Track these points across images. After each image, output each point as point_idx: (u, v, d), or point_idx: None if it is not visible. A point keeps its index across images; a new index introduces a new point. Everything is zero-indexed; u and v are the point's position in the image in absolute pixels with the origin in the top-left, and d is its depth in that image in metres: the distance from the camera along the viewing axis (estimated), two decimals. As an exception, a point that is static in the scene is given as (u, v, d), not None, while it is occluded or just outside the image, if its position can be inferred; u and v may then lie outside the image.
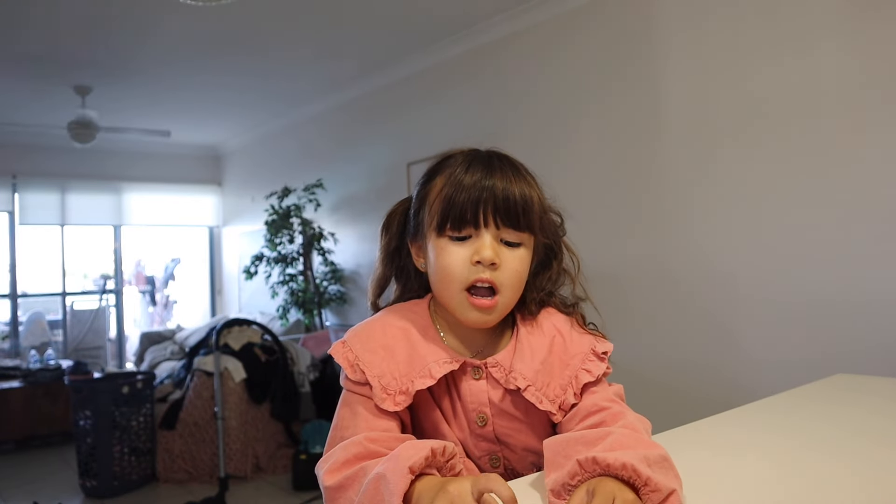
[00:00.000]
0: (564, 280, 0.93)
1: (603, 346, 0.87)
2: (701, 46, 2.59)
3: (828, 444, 0.97)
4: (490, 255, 0.80)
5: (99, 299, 6.07)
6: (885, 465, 0.86)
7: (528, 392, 0.83)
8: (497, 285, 0.81)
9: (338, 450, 0.76)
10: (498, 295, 0.82)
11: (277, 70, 4.24)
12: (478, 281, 0.81)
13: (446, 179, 0.84)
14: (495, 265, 0.81)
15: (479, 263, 0.81)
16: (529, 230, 0.84)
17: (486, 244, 0.81)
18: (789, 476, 0.83)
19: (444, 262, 0.83)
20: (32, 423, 4.42)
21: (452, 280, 0.82)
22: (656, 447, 0.71)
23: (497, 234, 0.82)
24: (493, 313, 0.83)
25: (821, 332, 2.24)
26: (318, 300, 4.88)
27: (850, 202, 2.17)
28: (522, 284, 0.86)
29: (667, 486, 0.65)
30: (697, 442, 1.00)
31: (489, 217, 0.81)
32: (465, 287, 0.82)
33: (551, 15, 3.18)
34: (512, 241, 0.83)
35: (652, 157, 2.77)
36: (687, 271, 2.66)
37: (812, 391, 1.34)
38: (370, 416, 0.81)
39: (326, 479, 0.73)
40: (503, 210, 0.81)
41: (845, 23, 2.18)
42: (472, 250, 0.81)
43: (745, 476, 0.83)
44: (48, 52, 3.70)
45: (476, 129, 3.60)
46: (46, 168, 5.75)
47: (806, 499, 0.75)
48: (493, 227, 0.81)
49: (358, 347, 0.85)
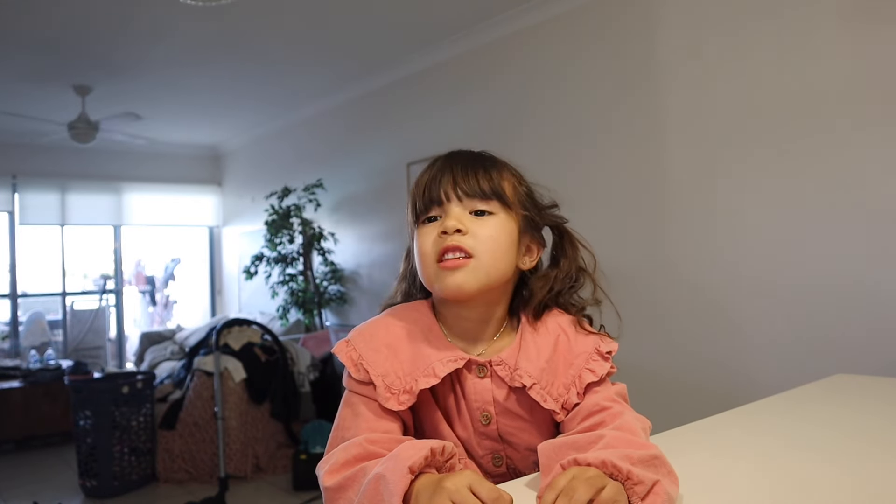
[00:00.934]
0: (583, 280, 0.92)
1: (607, 345, 0.87)
2: (702, 46, 2.59)
3: (827, 445, 0.97)
4: (452, 223, 0.82)
5: (99, 299, 6.07)
6: (885, 465, 0.86)
7: (534, 390, 0.83)
8: (468, 249, 0.82)
9: (338, 451, 0.76)
10: (471, 258, 0.82)
11: (277, 70, 4.25)
12: (446, 250, 0.82)
13: (416, 180, 0.88)
14: (461, 231, 0.82)
15: (445, 233, 0.82)
16: (497, 198, 0.84)
17: (450, 214, 0.83)
18: (789, 476, 0.83)
19: (418, 244, 0.85)
20: (32, 423, 4.42)
21: (426, 256, 0.84)
22: (647, 447, 0.72)
23: (464, 206, 0.83)
24: (465, 273, 0.81)
25: (822, 331, 2.24)
26: (318, 300, 4.89)
27: (852, 202, 2.17)
28: (504, 252, 0.84)
29: (649, 477, 0.65)
30: (697, 442, 1.00)
31: (449, 190, 0.83)
32: (437, 259, 0.82)
33: (552, 15, 3.18)
34: (482, 210, 0.84)
35: (656, 156, 2.77)
36: (691, 270, 2.66)
37: (812, 391, 1.34)
38: (372, 418, 0.81)
39: (326, 479, 0.74)
40: (462, 181, 0.83)
41: (845, 23, 2.18)
42: (440, 225, 0.83)
43: (744, 476, 0.83)
44: (48, 52, 3.70)
45: (476, 129, 3.60)
46: (46, 168, 5.75)
47: (806, 499, 0.75)
48: (455, 199, 0.83)
49: (362, 346, 0.85)
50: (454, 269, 0.81)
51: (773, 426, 1.10)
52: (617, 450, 0.69)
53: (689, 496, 0.74)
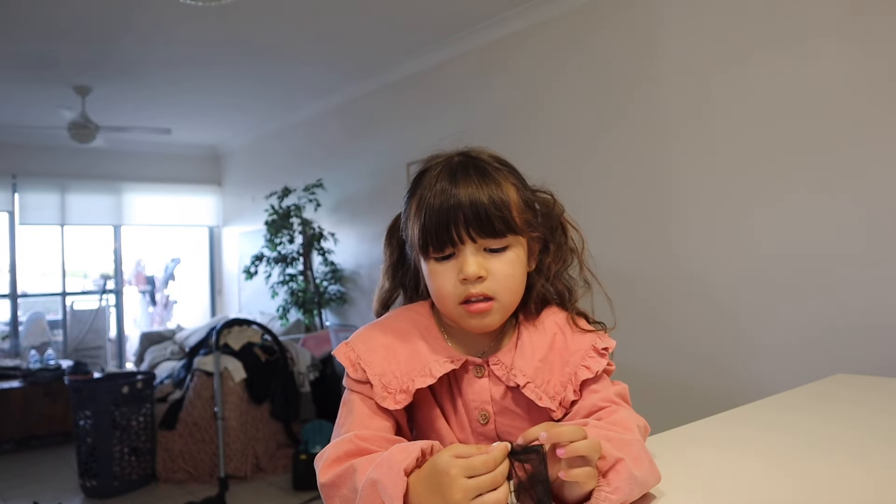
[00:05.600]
0: (571, 259, 0.92)
1: (604, 342, 0.87)
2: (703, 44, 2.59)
3: (827, 445, 0.97)
4: (473, 271, 0.81)
5: (99, 299, 6.07)
6: (885, 465, 0.86)
7: (528, 389, 0.83)
8: (490, 293, 0.82)
9: (330, 447, 0.78)
10: (493, 300, 0.83)
11: (277, 70, 4.24)
12: (469, 297, 0.82)
13: (418, 203, 0.85)
14: (482, 278, 0.81)
15: (466, 280, 0.81)
16: (511, 232, 0.83)
17: (468, 261, 0.81)
18: (788, 477, 0.83)
19: (435, 284, 0.84)
20: (32, 423, 4.42)
21: (446, 299, 0.84)
22: (626, 433, 0.74)
23: (478, 245, 0.82)
24: (491, 316, 0.83)
25: (822, 331, 2.24)
26: (318, 300, 4.89)
27: (852, 201, 2.18)
28: (518, 284, 0.86)
29: (613, 454, 0.68)
30: (697, 442, 1.00)
31: (462, 233, 0.81)
32: (460, 302, 0.83)
33: (552, 15, 3.18)
34: (496, 248, 0.83)
35: (657, 156, 2.77)
36: (692, 270, 2.66)
37: (812, 391, 1.34)
38: (366, 415, 0.82)
39: (321, 476, 0.76)
40: (475, 223, 0.81)
41: (846, 23, 2.18)
42: (458, 268, 0.82)
43: (744, 476, 0.83)
44: (48, 52, 3.70)
45: (476, 129, 3.60)
46: (46, 168, 5.75)
47: (805, 499, 0.75)
48: (469, 241, 0.82)
49: (360, 347, 0.86)
50: (480, 314, 0.83)
51: (774, 426, 1.10)
52: (595, 430, 0.72)
53: (689, 496, 0.74)
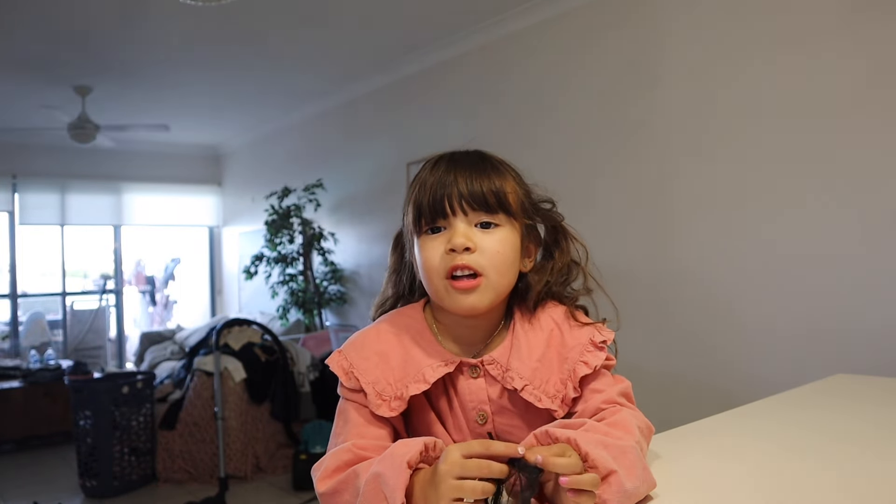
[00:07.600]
0: (576, 273, 0.91)
1: (602, 334, 0.86)
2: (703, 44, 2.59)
3: (827, 445, 0.97)
4: (461, 241, 0.80)
5: (99, 299, 6.07)
6: (885, 465, 0.86)
7: (526, 392, 0.82)
8: (477, 268, 0.81)
9: (328, 457, 0.77)
10: (481, 277, 0.81)
11: (277, 70, 4.24)
12: (455, 268, 0.81)
13: (415, 185, 0.86)
14: (470, 249, 0.81)
15: (454, 251, 0.81)
16: (503, 210, 0.83)
17: (458, 231, 0.81)
18: (789, 476, 0.83)
19: (423, 256, 0.84)
20: (32, 423, 4.42)
21: (433, 271, 0.83)
22: (623, 438, 0.72)
23: (470, 219, 0.82)
24: (477, 294, 0.82)
25: (822, 331, 2.24)
26: (318, 300, 4.89)
27: (852, 201, 2.17)
28: (509, 266, 0.84)
29: (606, 466, 0.66)
30: (696, 443, 1.00)
31: (455, 203, 0.81)
32: (446, 276, 0.82)
33: (552, 15, 3.18)
34: (488, 223, 0.83)
35: (658, 156, 2.77)
36: (693, 270, 2.66)
37: (812, 391, 1.34)
38: (362, 424, 0.82)
39: (319, 486, 0.75)
40: (468, 194, 0.81)
41: (846, 24, 2.18)
42: (447, 240, 0.82)
43: (744, 476, 0.83)
44: (48, 52, 3.70)
45: (476, 129, 3.60)
46: (46, 168, 5.75)
47: (806, 499, 0.75)
48: (461, 213, 0.82)
49: (353, 355, 0.85)
50: (466, 290, 0.81)
51: (774, 426, 1.10)
52: (592, 434, 0.70)
53: (689, 496, 0.74)
